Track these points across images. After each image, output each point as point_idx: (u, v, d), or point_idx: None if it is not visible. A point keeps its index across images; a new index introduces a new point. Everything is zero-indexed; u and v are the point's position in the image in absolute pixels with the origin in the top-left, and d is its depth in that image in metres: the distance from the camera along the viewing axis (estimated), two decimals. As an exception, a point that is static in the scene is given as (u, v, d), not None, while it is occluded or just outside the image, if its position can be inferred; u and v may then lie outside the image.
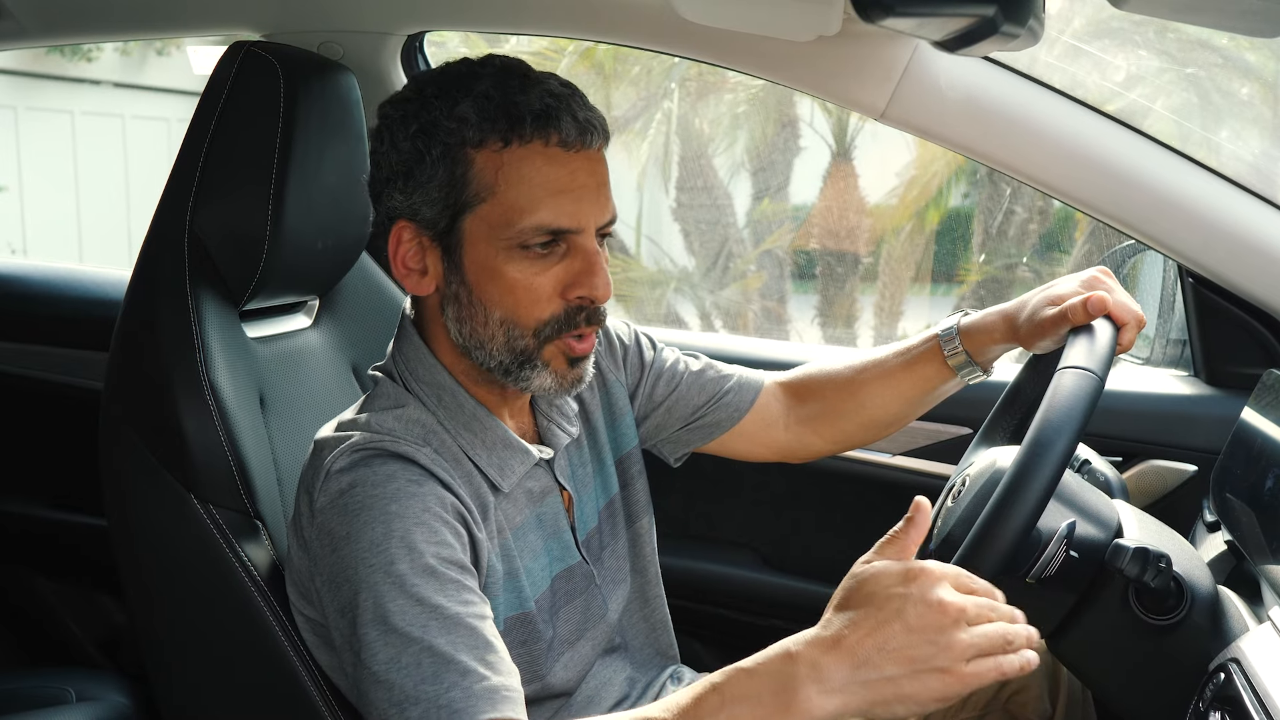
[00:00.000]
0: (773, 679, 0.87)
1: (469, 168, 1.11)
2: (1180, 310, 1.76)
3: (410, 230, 1.15)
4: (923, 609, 0.85)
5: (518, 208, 1.10)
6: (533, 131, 1.09)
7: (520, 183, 1.10)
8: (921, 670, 0.85)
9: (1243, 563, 1.25)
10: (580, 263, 1.13)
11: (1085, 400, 1.03)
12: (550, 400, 1.29)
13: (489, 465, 1.18)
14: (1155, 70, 6.85)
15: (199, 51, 9.56)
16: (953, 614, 0.85)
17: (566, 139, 1.10)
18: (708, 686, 0.90)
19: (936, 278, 8.17)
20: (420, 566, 1.02)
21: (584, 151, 1.12)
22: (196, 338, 1.31)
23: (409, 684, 0.97)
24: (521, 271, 1.12)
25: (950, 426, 1.81)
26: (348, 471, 1.09)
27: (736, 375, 1.46)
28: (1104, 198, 1.53)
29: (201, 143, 1.36)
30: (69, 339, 2.08)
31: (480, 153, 1.11)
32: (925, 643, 0.85)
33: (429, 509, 1.06)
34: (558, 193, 1.10)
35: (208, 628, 1.34)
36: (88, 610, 2.22)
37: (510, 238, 1.11)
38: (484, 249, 1.12)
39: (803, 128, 8.15)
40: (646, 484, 1.42)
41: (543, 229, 1.10)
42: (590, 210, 1.13)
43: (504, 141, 1.10)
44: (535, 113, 1.09)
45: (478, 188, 1.11)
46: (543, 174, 1.10)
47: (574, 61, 7.58)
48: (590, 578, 1.29)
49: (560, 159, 1.11)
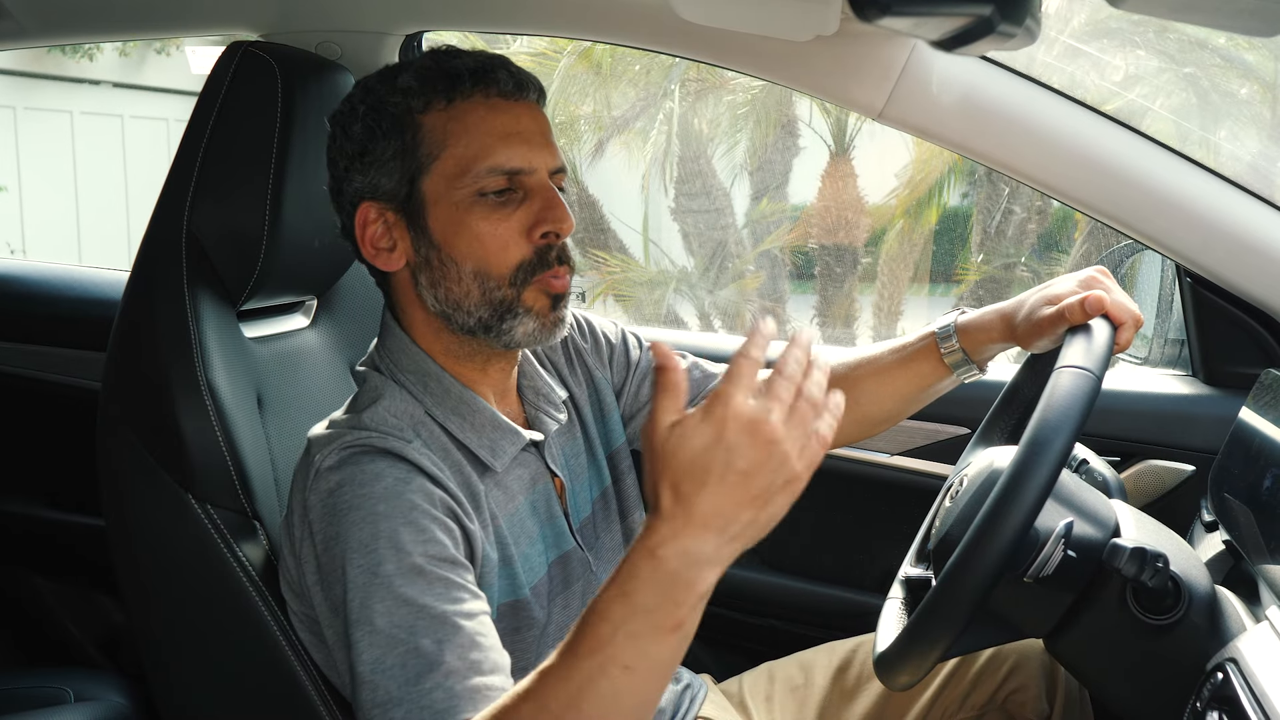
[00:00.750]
0: (652, 586, 0.85)
1: (418, 131, 1.16)
2: (1178, 310, 1.76)
3: (374, 209, 1.19)
4: (747, 449, 0.82)
5: (469, 155, 1.15)
6: (472, 85, 1.16)
7: (468, 132, 1.15)
8: (773, 495, 0.84)
9: (1240, 562, 1.25)
10: (539, 201, 1.17)
11: (1083, 400, 1.03)
12: (536, 389, 1.30)
13: (480, 447, 1.19)
14: (1154, 70, 6.85)
15: (197, 51, 9.57)
16: (772, 434, 0.83)
17: (504, 90, 1.17)
18: (594, 617, 0.87)
19: (935, 277, 8.19)
20: (407, 566, 1.02)
21: (523, 101, 1.19)
22: (194, 338, 1.31)
23: (393, 685, 0.97)
24: (485, 219, 1.15)
25: (948, 426, 1.81)
26: (336, 470, 1.09)
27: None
28: (1102, 197, 1.53)
29: (199, 142, 1.36)
30: (67, 339, 2.08)
31: (427, 116, 1.16)
32: (766, 474, 0.83)
33: (417, 507, 1.06)
34: (505, 135, 1.16)
35: (205, 627, 1.34)
36: (86, 610, 2.22)
37: (467, 186, 1.15)
38: (445, 206, 1.16)
39: (801, 128, 8.16)
40: (636, 481, 1.42)
41: (498, 170, 1.15)
42: (539, 153, 1.17)
43: (447, 100, 1.16)
44: (471, 69, 1.16)
45: (429, 147, 1.16)
46: (488, 121, 1.16)
47: (573, 62, 7.59)
48: (587, 564, 1.29)
49: (503, 107, 1.17)
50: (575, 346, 1.41)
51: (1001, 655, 1.44)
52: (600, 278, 8.10)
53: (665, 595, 0.85)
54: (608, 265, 8.07)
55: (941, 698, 1.45)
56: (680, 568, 0.84)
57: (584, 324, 1.44)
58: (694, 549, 0.84)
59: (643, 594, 0.85)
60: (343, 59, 1.68)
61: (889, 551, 1.83)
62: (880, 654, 1.15)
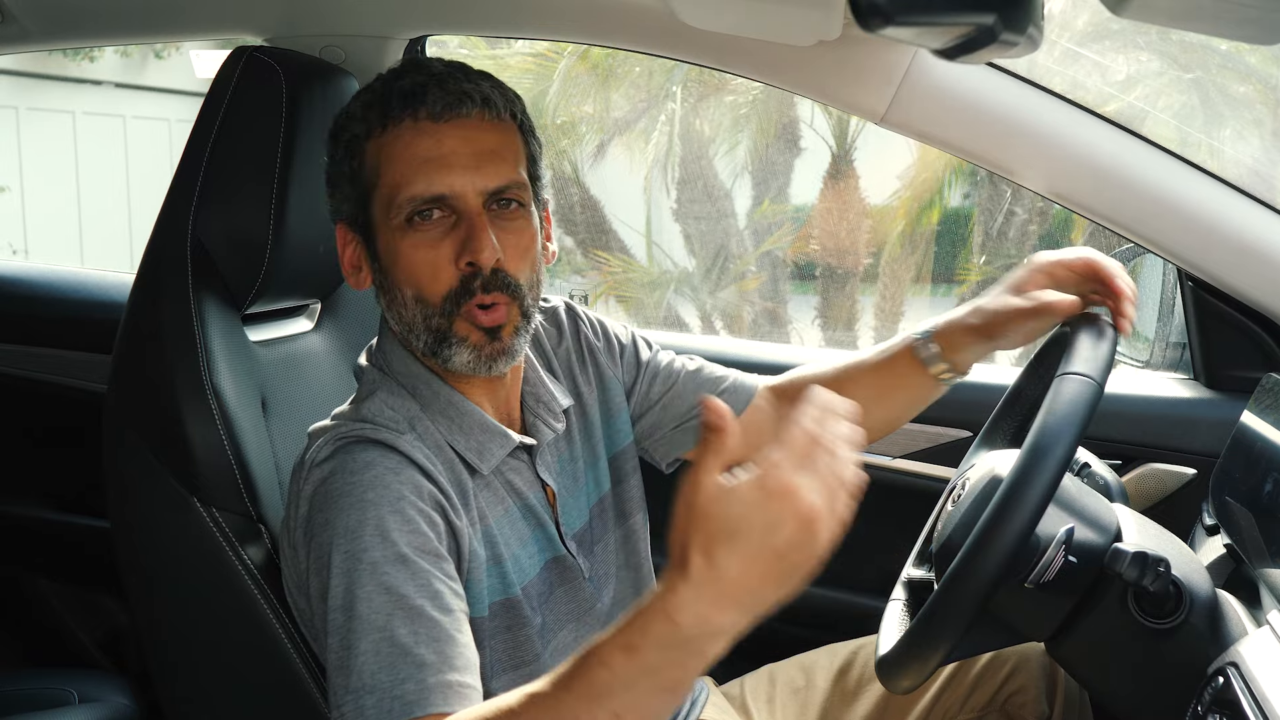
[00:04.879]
0: (661, 648, 0.82)
1: (363, 158, 1.17)
2: (1180, 313, 1.76)
3: (345, 231, 1.22)
4: (789, 527, 0.79)
5: (394, 183, 1.15)
6: (400, 109, 1.14)
7: (393, 160, 1.15)
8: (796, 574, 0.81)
9: (1242, 566, 1.25)
10: (463, 230, 1.15)
11: (1084, 406, 1.03)
12: (538, 396, 1.30)
13: (467, 449, 1.19)
14: (1156, 71, 6.85)
15: (201, 55, 9.56)
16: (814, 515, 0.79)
17: (433, 112, 1.14)
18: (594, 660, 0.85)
19: (937, 279, 8.18)
20: (392, 555, 1.03)
21: (455, 121, 1.15)
22: (199, 342, 1.32)
23: (366, 672, 0.98)
24: (415, 246, 1.15)
25: (950, 429, 1.81)
26: (329, 460, 1.11)
27: (731, 378, 1.46)
28: (1103, 202, 1.53)
29: (204, 147, 1.37)
30: (72, 341, 2.09)
31: (370, 142, 1.17)
32: (797, 554, 0.80)
33: (405, 497, 1.07)
34: (425, 161, 1.14)
35: (210, 629, 1.34)
36: (89, 612, 2.23)
37: (396, 213, 1.15)
38: (385, 232, 1.17)
39: (803, 129, 8.15)
40: (640, 481, 1.42)
41: (417, 199, 1.14)
42: (464, 176, 1.14)
43: (381, 126, 1.16)
44: (403, 92, 1.14)
45: (369, 174, 1.17)
46: (411, 148, 1.14)
47: (572, 63, 7.59)
48: (579, 571, 1.29)
49: (428, 130, 1.14)
50: (589, 345, 1.42)
51: (1002, 657, 1.44)
52: (602, 278, 8.10)
53: (672, 659, 0.83)
54: (609, 266, 8.07)
55: (942, 699, 1.45)
56: (695, 635, 0.82)
57: (597, 325, 1.44)
58: (714, 619, 0.81)
59: (649, 653, 0.83)
60: (346, 63, 1.68)
61: (891, 554, 1.83)
62: (882, 657, 1.15)
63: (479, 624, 1.15)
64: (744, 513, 0.79)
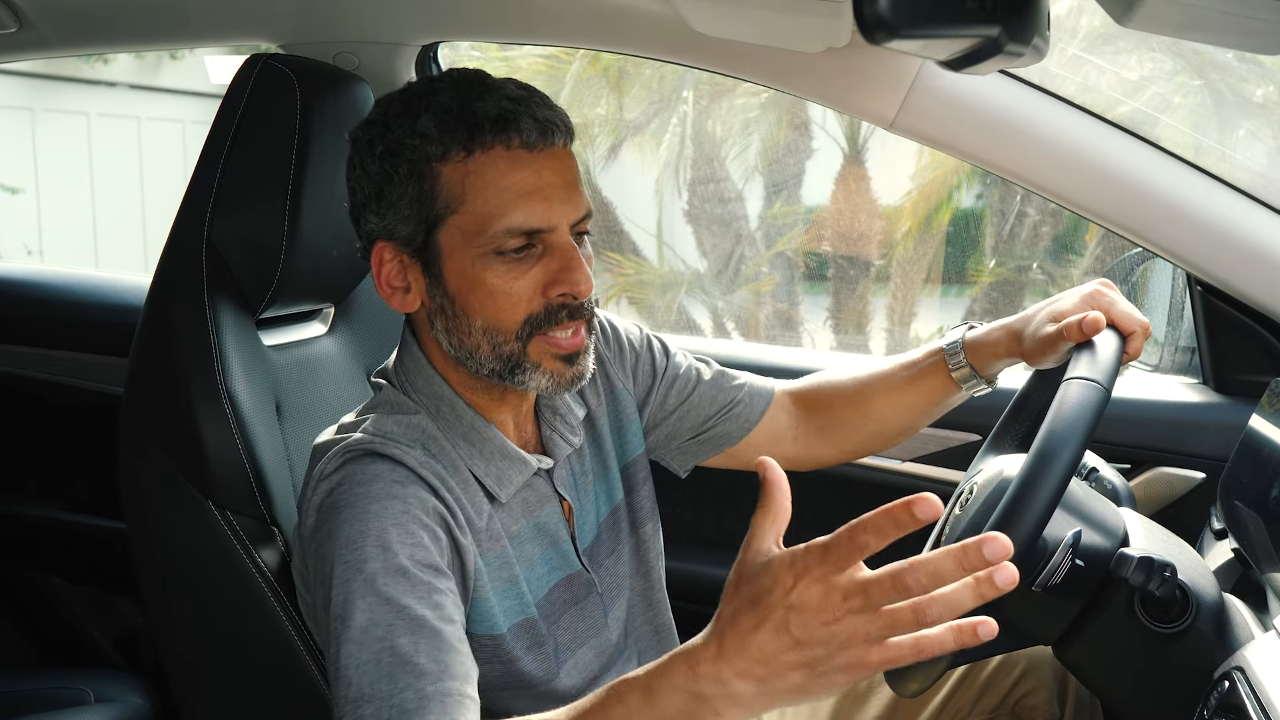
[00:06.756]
0: (679, 696, 0.84)
1: (435, 182, 1.12)
2: (1189, 318, 1.76)
3: (390, 249, 1.16)
4: (807, 618, 0.78)
5: (488, 214, 1.11)
6: (493, 137, 1.10)
7: (486, 189, 1.11)
8: (825, 671, 0.80)
9: (1249, 570, 1.26)
10: (558, 261, 1.13)
11: (1091, 411, 1.04)
12: (555, 409, 1.29)
13: (486, 475, 1.19)
14: (1168, 72, 6.83)
15: (216, 61, 9.59)
16: (833, 617, 0.78)
17: (528, 140, 1.11)
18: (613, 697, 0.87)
19: (948, 280, 8.15)
20: (393, 567, 1.03)
21: (547, 150, 1.13)
22: (214, 347, 1.33)
23: (365, 681, 0.98)
24: (500, 277, 1.12)
25: (959, 433, 1.81)
26: (337, 472, 1.11)
27: (747, 386, 1.45)
28: (1112, 207, 1.53)
29: (219, 154, 1.38)
30: (88, 345, 2.11)
31: (445, 165, 1.11)
32: (817, 648, 0.79)
33: (409, 511, 1.07)
34: (525, 194, 1.11)
35: (225, 632, 1.36)
36: (105, 612, 2.24)
37: (484, 244, 1.11)
38: (461, 259, 1.13)
39: (815, 130, 8.14)
40: (652, 490, 1.42)
41: (515, 231, 1.11)
42: (560, 208, 1.13)
43: (466, 151, 1.11)
44: (493, 118, 1.10)
45: (447, 200, 1.12)
46: (508, 177, 1.11)
47: (584, 66, 7.59)
48: (591, 586, 1.29)
49: (524, 160, 1.11)
50: (599, 356, 1.38)
51: (1013, 660, 1.44)
52: (614, 280, 8.10)
53: (687, 711, 0.84)
54: (621, 268, 8.07)
55: (953, 701, 1.45)
56: (712, 694, 0.83)
57: (608, 329, 1.41)
58: (731, 685, 0.82)
59: (667, 698, 0.84)
60: (359, 69, 1.70)
61: (898, 557, 1.84)
62: (889, 660, 1.16)
63: (499, 641, 1.16)
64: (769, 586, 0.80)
